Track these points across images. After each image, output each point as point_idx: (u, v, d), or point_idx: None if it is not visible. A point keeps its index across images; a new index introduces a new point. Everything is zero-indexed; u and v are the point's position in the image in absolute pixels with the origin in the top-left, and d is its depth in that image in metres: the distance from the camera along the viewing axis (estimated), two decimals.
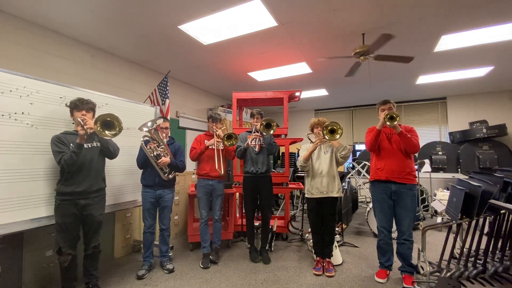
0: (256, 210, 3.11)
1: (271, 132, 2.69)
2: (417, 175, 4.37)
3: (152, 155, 2.47)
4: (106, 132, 1.94)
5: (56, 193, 1.97)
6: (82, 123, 1.93)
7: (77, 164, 1.94)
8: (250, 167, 2.87)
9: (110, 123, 1.95)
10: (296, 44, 3.63)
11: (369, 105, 7.40)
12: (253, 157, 2.87)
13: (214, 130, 2.84)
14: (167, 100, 3.64)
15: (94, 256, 2.13)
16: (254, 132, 2.83)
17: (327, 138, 2.37)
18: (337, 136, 2.36)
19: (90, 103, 2.07)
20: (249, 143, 2.81)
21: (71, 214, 1.95)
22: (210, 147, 2.81)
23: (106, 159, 2.25)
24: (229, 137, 2.69)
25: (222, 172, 2.77)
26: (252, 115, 2.96)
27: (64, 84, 2.23)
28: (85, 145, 2.01)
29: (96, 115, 2.05)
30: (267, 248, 2.99)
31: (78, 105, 2.01)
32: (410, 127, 2.37)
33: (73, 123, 2.18)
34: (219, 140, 2.76)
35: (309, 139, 2.74)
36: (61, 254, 1.92)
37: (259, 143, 2.87)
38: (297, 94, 3.82)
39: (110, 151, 2.18)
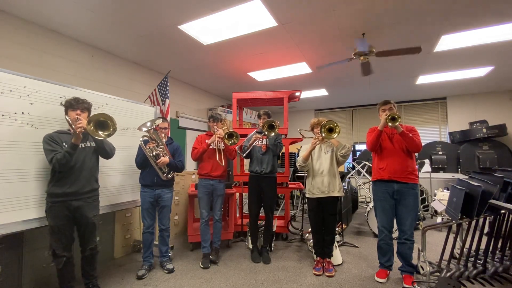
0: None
1: (272, 134, 2.68)
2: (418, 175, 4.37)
3: (151, 155, 2.47)
4: (100, 132, 1.89)
5: (47, 194, 1.93)
6: (70, 122, 1.90)
7: (69, 164, 1.90)
8: (255, 166, 2.88)
9: (104, 123, 1.90)
10: (296, 44, 3.63)
11: (369, 105, 7.40)
12: (258, 157, 2.89)
13: (216, 130, 2.83)
14: (167, 100, 3.64)
15: (91, 258, 2.11)
16: (256, 134, 2.84)
17: (323, 135, 2.36)
18: (335, 135, 2.35)
19: (86, 103, 2.03)
20: (252, 144, 2.82)
21: (63, 216, 1.91)
22: (211, 146, 2.81)
23: (101, 159, 2.21)
24: (230, 136, 2.70)
25: (223, 164, 2.77)
26: (259, 116, 2.97)
27: (64, 84, 2.23)
28: (79, 145, 1.97)
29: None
30: (267, 248, 2.99)
31: (73, 104, 1.97)
32: (411, 127, 2.37)
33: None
34: (220, 136, 2.76)
35: (301, 134, 2.74)
36: (55, 256, 1.89)
37: (265, 143, 2.87)
38: (297, 94, 3.82)
39: (106, 151, 2.14)
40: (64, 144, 1.93)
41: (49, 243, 1.92)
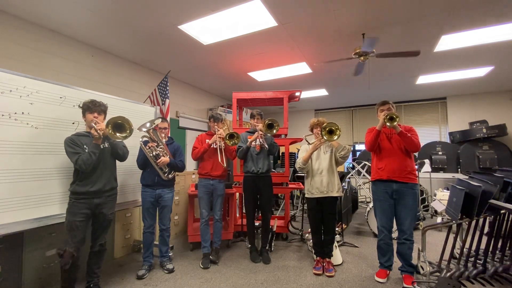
0: (256, 210, 3.11)
1: (274, 132, 2.69)
2: (417, 175, 4.37)
3: (151, 155, 2.47)
4: (117, 134, 2.00)
5: (70, 192, 2.00)
6: (90, 125, 2.01)
7: (93, 163, 1.98)
8: (251, 167, 2.87)
9: (121, 125, 2.01)
10: (296, 44, 3.63)
11: (369, 105, 7.39)
12: (253, 157, 2.88)
13: (216, 130, 2.84)
14: (167, 100, 3.64)
15: (99, 254, 2.17)
16: (257, 131, 2.83)
17: (325, 138, 2.37)
18: (335, 137, 2.36)
19: (102, 106, 2.12)
20: (252, 143, 2.82)
21: (83, 214, 1.98)
22: (212, 145, 2.81)
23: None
24: (231, 136, 2.71)
25: (225, 165, 2.79)
26: (252, 116, 2.96)
27: (64, 84, 2.24)
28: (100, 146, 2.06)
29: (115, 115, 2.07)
30: (267, 248, 2.99)
31: (91, 107, 2.04)
32: (409, 127, 2.38)
33: (73, 123, 2.20)
34: (221, 137, 2.76)
35: (307, 141, 2.74)
36: (62, 255, 1.91)
37: (259, 143, 2.87)
38: (297, 94, 3.82)
39: (119, 154, 2.22)
40: (84, 146, 2.00)
41: (64, 240, 1.96)
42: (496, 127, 5.40)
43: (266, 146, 2.80)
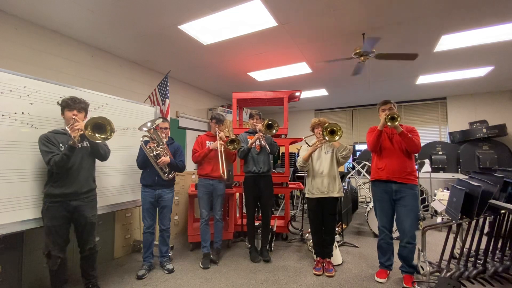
0: (256, 209, 3.12)
1: (273, 132, 2.70)
2: (417, 175, 4.37)
3: (151, 154, 2.47)
4: (97, 135, 1.86)
5: (44, 195, 1.91)
6: (69, 125, 1.88)
7: (67, 166, 1.88)
8: (252, 167, 2.87)
9: (101, 126, 1.88)
10: (296, 44, 3.63)
11: (369, 105, 7.39)
12: (254, 157, 2.88)
13: (217, 132, 2.83)
14: (167, 100, 3.64)
15: (90, 257, 2.10)
16: (257, 132, 2.83)
17: (327, 139, 2.37)
18: (337, 137, 2.36)
19: (83, 103, 2.01)
20: (253, 143, 2.82)
21: (60, 217, 1.89)
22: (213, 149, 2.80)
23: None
24: (232, 141, 2.71)
25: (226, 177, 2.73)
26: (251, 116, 2.97)
27: (64, 84, 2.23)
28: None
29: (96, 115, 2.03)
30: (267, 247, 2.99)
31: (70, 104, 1.94)
32: (411, 127, 2.37)
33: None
34: (223, 143, 2.74)
35: (306, 143, 2.73)
36: (50, 257, 1.87)
37: (259, 143, 2.87)
38: (297, 94, 3.82)
39: (100, 154, 2.10)
40: (60, 144, 1.90)
41: (45, 244, 1.90)
42: (496, 127, 5.40)
43: (268, 148, 2.80)
